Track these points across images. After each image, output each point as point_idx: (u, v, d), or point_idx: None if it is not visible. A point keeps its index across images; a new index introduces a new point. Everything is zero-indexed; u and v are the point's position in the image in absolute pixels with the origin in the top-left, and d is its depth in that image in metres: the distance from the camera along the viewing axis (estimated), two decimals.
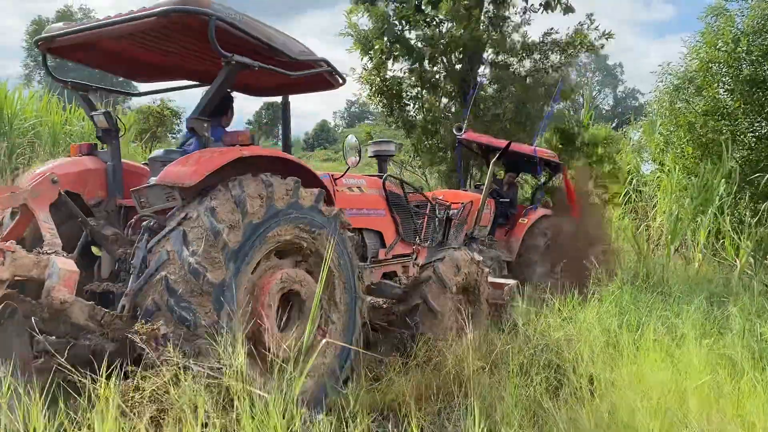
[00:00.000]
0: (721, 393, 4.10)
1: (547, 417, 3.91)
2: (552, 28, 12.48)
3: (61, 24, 4.22)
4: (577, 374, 4.50)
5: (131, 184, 4.25)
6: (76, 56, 4.52)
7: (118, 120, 4.56)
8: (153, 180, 3.85)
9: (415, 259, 6.15)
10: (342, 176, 5.26)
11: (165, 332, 3.01)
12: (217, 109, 4.45)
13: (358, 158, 5.12)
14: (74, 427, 2.49)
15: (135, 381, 2.62)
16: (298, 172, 4.06)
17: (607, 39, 12.40)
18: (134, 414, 2.48)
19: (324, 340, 3.69)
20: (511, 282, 6.45)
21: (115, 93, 5.59)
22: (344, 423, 3.76)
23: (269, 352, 3.43)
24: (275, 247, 3.80)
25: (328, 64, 4.68)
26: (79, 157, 4.51)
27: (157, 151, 4.74)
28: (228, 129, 4.87)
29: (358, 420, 3.56)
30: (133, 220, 4.11)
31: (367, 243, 5.52)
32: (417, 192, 6.67)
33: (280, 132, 5.49)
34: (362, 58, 11.65)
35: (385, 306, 5.54)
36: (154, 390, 2.48)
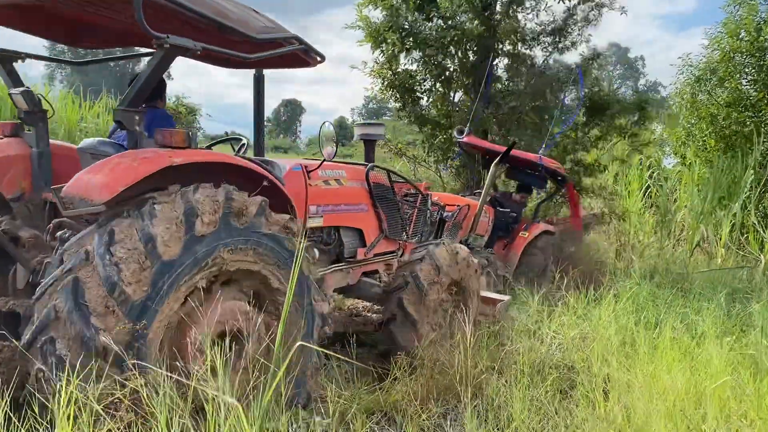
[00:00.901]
0: (743, 394, 3.91)
1: (557, 420, 3.75)
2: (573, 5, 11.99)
3: None
4: (590, 375, 4.34)
5: (64, 171, 3.57)
6: (3, 19, 3.75)
7: (42, 99, 3.81)
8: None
9: (401, 255, 5.63)
10: (317, 168, 4.58)
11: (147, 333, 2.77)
12: (151, 94, 3.81)
13: (334, 149, 4.67)
14: None
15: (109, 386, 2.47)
16: (243, 175, 3.43)
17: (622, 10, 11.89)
18: (117, 418, 2.37)
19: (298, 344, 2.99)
20: (505, 298, 5.90)
21: (51, 61, 5.02)
22: (345, 424, 3.67)
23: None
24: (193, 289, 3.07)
25: (301, 41, 4.03)
26: (0, 139, 3.78)
27: (89, 140, 4.00)
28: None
29: (359, 422, 3.46)
30: (51, 224, 3.40)
31: (344, 242, 4.96)
32: (406, 182, 6.02)
33: (308, 131, 4.95)
34: (373, 52, 11.50)
35: (363, 314, 5.10)
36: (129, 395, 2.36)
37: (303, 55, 4.19)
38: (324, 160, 4.60)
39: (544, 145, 10.21)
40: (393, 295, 4.98)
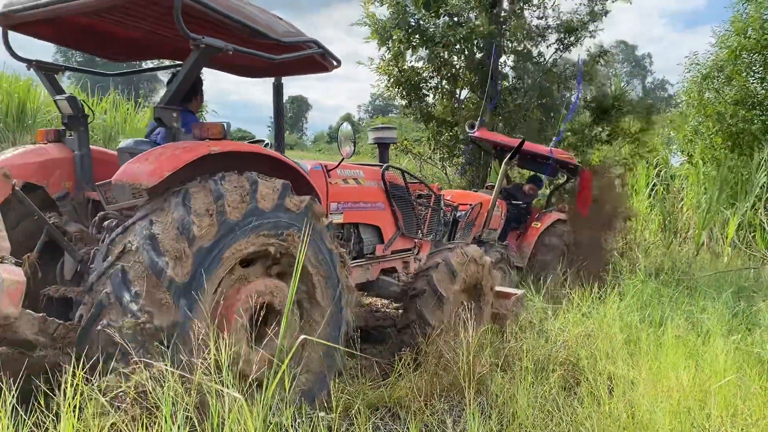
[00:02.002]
0: (748, 393, 3.90)
1: (561, 416, 3.75)
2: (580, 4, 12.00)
3: None
4: (595, 372, 4.33)
5: (103, 174, 3.82)
6: (41, 33, 4.02)
7: (84, 105, 4.13)
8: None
9: (417, 253, 5.79)
10: (336, 167, 4.78)
11: (151, 327, 2.79)
12: (186, 93, 4.00)
13: (353, 148, 4.74)
14: None
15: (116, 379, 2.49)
16: (275, 166, 3.67)
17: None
18: (121, 411, 2.38)
19: (301, 337, 3.21)
20: (519, 292, 6.03)
21: (84, 73, 5.12)
22: (349, 419, 3.68)
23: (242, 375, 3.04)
24: (236, 262, 3.34)
25: (319, 45, 4.23)
26: (44, 144, 4.07)
27: (127, 141, 4.30)
28: (205, 116, 4.48)
29: (363, 417, 3.47)
30: (96, 217, 3.62)
31: (363, 239, 5.14)
32: (420, 182, 6.22)
33: (314, 128, 5.04)
34: (380, 49, 11.50)
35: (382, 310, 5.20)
36: (135, 389, 2.37)
37: (321, 59, 4.35)
38: (343, 159, 4.73)
39: (554, 138, 10.24)
40: (411, 301, 5.04)
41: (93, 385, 2.40)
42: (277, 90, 4.78)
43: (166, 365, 2.47)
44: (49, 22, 3.73)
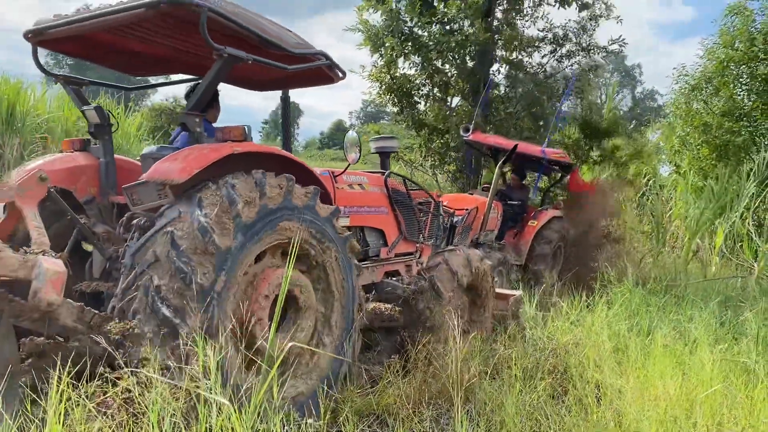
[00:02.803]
0: (734, 402, 3.92)
1: (549, 424, 3.76)
2: (569, 20, 12.23)
3: (51, 16, 4.03)
4: (583, 380, 4.35)
5: (124, 180, 4.11)
6: (68, 49, 4.41)
7: (110, 115, 4.45)
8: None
9: (419, 257, 6.01)
10: (342, 173, 5.11)
11: (139, 332, 2.87)
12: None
13: (358, 155, 4.95)
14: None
15: (102, 384, 2.49)
16: (293, 169, 3.91)
17: (620, 47, 12.12)
18: (107, 416, 2.37)
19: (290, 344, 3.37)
20: (517, 293, 6.20)
21: (107, 87, 5.45)
22: (338, 427, 3.67)
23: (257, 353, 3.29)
24: (268, 247, 3.66)
25: (327, 57, 4.51)
26: (72, 152, 4.40)
27: (150, 148, 4.59)
28: (219, 124, 4.75)
29: (351, 425, 3.46)
30: (124, 217, 3.96)
31: (369, 241, 5.41)
32: (420, 189, 6.48)
33: (305, 134, 5.31)
34: (372, 55, 11.53)
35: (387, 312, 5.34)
36: (121, 394, 2.36)
37: (327, 71, 4.64)
38: (349, 165, 5.00)
39: (546, 140, 10.42)
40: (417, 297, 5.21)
41: (80, 390, 2.39)
42: (285, 102, 5.06)
43: (154, 370, 2.47)
44: (74, 38, 4.02)
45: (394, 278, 5.64)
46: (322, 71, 4.62)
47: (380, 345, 5.27)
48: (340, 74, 4.75)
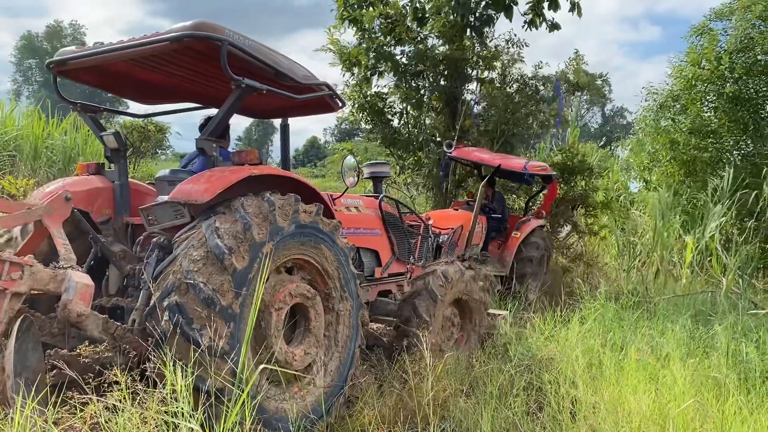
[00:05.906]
0: (706, 416, 3.97)
1: None
2: (542, 62, 12.49)
3: (73, 47, 4.30)
4: (558, 396, 4.36)
5: (136, 203, 4.44)
6: (86, 78, 4.64)
7: (127, 140, 4.72)
8: (162, 198, 4.01)
9: (410, 277, 6.21)
10: (340, 196, 5.41)
11: (111, 354, 2.93)
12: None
13: (356, 179, 5.26)
14: None
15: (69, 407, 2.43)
16: (303, 191, 4.14)
17: (603, 82, 12.46)
18: None
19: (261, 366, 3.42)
20: (504, 313, 6.48)
21: (120, 114, 5.61)
22: None
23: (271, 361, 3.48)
24: (281, 263, 3.88)
25: (329, 87, 4.81)
26: (88, 176, 4.64)
27: (164, 171, 4.90)
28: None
29: None
30: (141, 237, 4.20)
31: (364, 261, 5.62)
32: (411, 212, 6.82)
33: (279, 151, 5.52)
34: (344, 74, 11.57)
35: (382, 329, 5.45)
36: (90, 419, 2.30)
37: (329, 100, 4.95)
38: (347, 188, 5.35)
39: (527, 155, 10.54)
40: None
41: (45, 416, 2.33)
42: (284, 130, 5.31)
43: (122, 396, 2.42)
44: (92, 69, 4.30)
45: (389, 296, 5.93)
46: (324, 101, 4.92)
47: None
48: (340, 104, 5.06)
